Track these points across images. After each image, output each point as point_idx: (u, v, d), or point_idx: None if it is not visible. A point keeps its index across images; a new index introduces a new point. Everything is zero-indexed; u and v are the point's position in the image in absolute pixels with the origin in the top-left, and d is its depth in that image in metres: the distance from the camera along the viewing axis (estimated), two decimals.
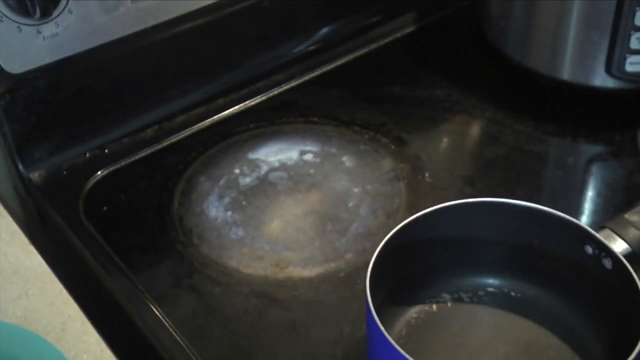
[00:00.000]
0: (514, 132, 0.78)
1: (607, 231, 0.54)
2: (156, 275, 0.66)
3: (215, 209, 0.72)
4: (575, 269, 0.55)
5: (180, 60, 0.79)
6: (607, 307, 0.53)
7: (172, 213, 0.71)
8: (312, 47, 0.89)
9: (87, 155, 0.77)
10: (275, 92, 0.85)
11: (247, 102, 0.84)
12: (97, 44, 0.72)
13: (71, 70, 0.72)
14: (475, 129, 0.81)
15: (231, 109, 0.83)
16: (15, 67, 0.68)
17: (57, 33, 0.69)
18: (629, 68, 0.74)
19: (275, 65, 0.86)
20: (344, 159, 0.76)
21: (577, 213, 0.71)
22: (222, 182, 0.74)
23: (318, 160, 0.76)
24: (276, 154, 0.77)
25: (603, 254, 0.52)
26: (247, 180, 0.74)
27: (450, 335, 0.58)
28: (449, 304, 0.59)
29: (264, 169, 0.76)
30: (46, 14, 0.67)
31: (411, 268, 0.59)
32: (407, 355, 0.47)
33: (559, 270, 0.56)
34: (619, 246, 0.53)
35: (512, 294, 0.59)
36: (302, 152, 0.77)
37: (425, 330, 0.58)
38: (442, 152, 0.79)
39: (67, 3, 0.68)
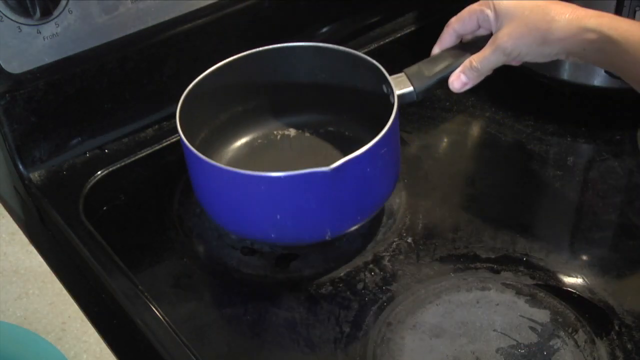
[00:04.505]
0: (514, 132, 0.78)
1: (402, 75, 0.66)
2: (156, 275, 0.66)
3: None
4: (374, 103, 0.68)
5: (180, 60, 0.79)
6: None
7: (172, 213, 0.71)
8: None
9: (87, 155, 0.77)
10: None
11: None
12: (97, 44, 0.72)
13: (71, 70, 0.72)
14: (475, 129, 0.81)
15: None
16: (15, 67, 0.68)
17: (57, 33, 0.69)
18: None
19: None
20: None
21: (577, 212, 0.71)
22: None
23: None
24: None
25: (391, 92, 0.65)
26: None
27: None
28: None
29: None
30: (46, 14, 0.67)
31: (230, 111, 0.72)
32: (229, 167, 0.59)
33: (362, 103, 0.71)
34: (405, 88, 0.66)
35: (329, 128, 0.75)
36: None
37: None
38: (442, 152, 0.78)
39: (67, 3, 0.68)
